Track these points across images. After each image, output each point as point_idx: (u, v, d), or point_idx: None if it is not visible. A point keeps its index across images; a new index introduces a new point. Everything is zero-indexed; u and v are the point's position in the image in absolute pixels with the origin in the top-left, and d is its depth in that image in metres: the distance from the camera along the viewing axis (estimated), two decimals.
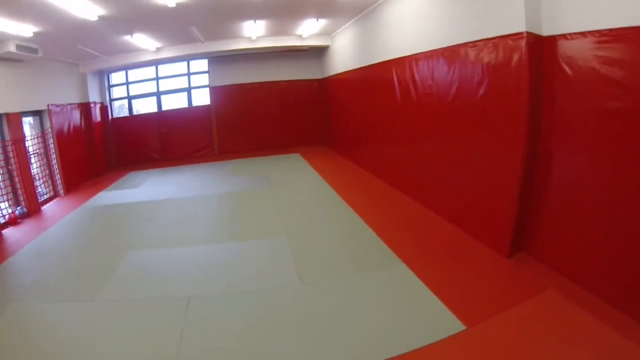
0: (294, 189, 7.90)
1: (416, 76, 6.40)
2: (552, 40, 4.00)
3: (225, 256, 4.77)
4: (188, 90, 13.37)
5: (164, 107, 13.31)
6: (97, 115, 11.69)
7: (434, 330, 3.22)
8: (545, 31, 4.09)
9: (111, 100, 13.14)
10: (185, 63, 13.03)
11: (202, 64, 13.19)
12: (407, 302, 3.66)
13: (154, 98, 13.28)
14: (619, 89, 3.35)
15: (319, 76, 13.38)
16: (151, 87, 13.23)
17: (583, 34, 3.63)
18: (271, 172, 9.51)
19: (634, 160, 3.27)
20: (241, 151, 12.98)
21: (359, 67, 9.22)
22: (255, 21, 8.58)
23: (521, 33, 4.05)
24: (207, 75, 13.22)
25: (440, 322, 3.33)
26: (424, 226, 5.61)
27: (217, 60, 12.61)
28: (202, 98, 13.49)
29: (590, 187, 3.75)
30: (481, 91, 4.78)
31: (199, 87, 13.44)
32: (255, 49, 11.15)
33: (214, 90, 13.13)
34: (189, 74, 13.23)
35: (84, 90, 11.14)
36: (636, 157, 3.25)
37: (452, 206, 5.65)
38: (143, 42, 9.42)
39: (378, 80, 8.06)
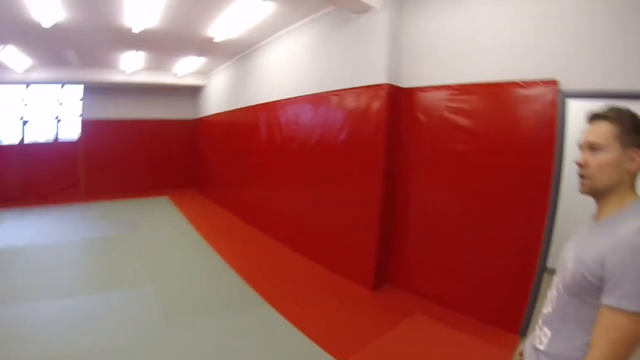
0: (161, 235, 7.46)
1: (282, 121, 6.64)
2: (410, 92, 4.62)
3: (90, 309, 4.29)
4: (57, 120, 11.45)
5: (28, 137, 11.10)
6: None
7: None
8: (405, 83, 4.69)
9: None
10: (57, 89, 11.15)
11: (76, 92, 11.45)
12: (277, 343, 3.62)
13: (17, 125, 10.89)
14: (465, 134, 4.05)
15: (192, 116, 13.00)
16: (15, 112, 10.79)
17: (437, 88, 4.35)
18: (138, 217, 8.85)
19: (479, 196, 3.98)
20: (109, 192, 11.72)
21: (230, 109, 9.23)
22: (133, 53, 8.21)
23: (382, 84, 4.54)
24: (80, 104, 11.60)
25: (311, 359, 3.35)
26: (290, 268, 5.65)
27: (91, 90, 11.40)
28: (72, 130, 11.71)
29: (441, 219, 4.37)
30: (342, 136, 5.14)
31: (69, 118, 11.61)
32: (132, 83, 10.53)
33: (85, 123, 11.65)
34: (60, 102, 11.33)
35: None
36: (481, 192, 3.96)
37: (318, 248, 5.79)
38: (11, 58, 8.12)
39: (246, 124, 8.13)
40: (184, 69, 10.20)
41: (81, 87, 11.35)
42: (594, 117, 1.36)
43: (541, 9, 3.52)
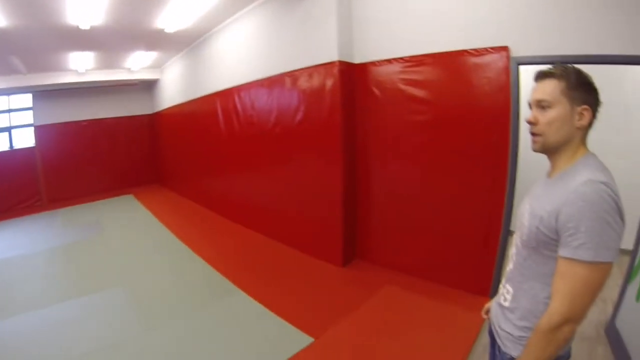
0: (129, 234, 7.27)
1: (238, 107, 6.54)
2: (363, 67, 4.60)
3: (62, 318, 4.13)
4: (9, 129, 10.74)
5: None
6: None
7: (284, 348, 3.23)
8: (357, 59, 4.66)
9: None
10: (4, 98, 10.43)
11: (26, 100, 10.84)
12: (253, 327, 3.63)
13: None
14: (422, 105, 4.06)
15: (149, 111, 12.67)
16: None
17: (389, 61, 4.33)
18: (104, 218, 8.58)
19: (439, 165, 4.02)
20: (73, 197, 11.26)
21: (187, 100, 9.06)
22: (82, 52, 7.83)
23: (334, 62, 4.48)
24: (31, 112, 10.94)
25: (288, 339, 3.37)
26: (260, 253, 5.65)
27: (43, 95, 10.79)
28: (25, 139, 11.02)
29: (404, 190, 4.41)
30: (299, 116, 5.10)
31: (21, 126, 10.95)
32: (84, 83, 10.09)
33: (40, 130, 11.04)
34: (9, 111, 10.67)
35: None
36: (441, 161, 3.99)
37: (286, 230, 5.77)
38: None
39: (204, 114, 8.00)
40: (137, 64, 9.88)
41: (29, 96, 10.79)
42: (541, 76, 1.36)
43: None
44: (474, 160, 3.76)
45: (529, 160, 1.27)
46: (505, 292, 1.47)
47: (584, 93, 1.28)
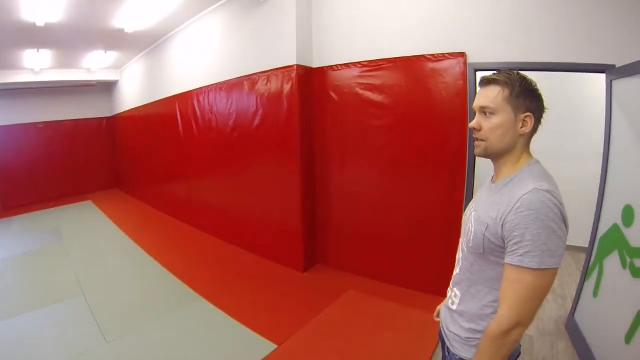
0: (88, 241, 7.02)
1: (197, 111, 6.43)
2: (321, 71, 4.57)
3: (19, 332, 3.94)
4: None
5: None
6: None
7: (248, 356, 3.21)
8: (316, 63, 4.62)
9: None
10: None
11: None
12: (216, 335, 3.58)
13: None
14: (380, 110, 4.07)
15: (108, 114, 12.29)
16: None
17: (347, 65, 4.31)
18: (62, 226, 8.31)
19: (398, 169, 4.05)
20: (29, 204, 10.74)
21: (147, 103, 8.82)
22: (38, 50, 7.48)
23: (292, 66, 4.42)
24: None
25: (251, 347, 3.34)
26: (221, 259, 5.58)
27: None
28: None
29: (364, 195, 4.41)
30: (257, 120, 5.03)
31: None
32: (40, 82, 9.67)
33: None
34: None
35: None
36: (400, 165, 4.02)
37: (247, 236, 5.70)
38: None
39: (163, 117, 7.81)
40: (96, 64, 9.54)
41: None
42: (485, 82, 1.35)
43: None
44: (433, 164, 3.78)
45: (487, 163, 1.28)
46: (453, 295, 1.49)
47: (528, 100, 1.28)
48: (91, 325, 3.92)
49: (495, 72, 1.34)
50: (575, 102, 4.98)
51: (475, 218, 1.36)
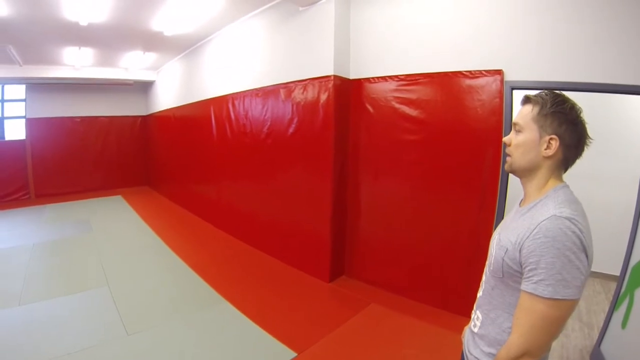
0: (116, 235, 7.20)
1: (232, 115, 6.52)
2: (358, 83, 4.61)
3: (44, 316, 4.06)
4: (0, 120, 10.62)
5: None
6: None
7: None
8: (352, 75, 4.67)
9: None
10: None
11: (19, 91, 10.71)
12: (237, 340, 3.60)
13: None
14: (415, 124, 4.08)
15: (143, 112, 12.56)
16: None
17: (384, 78, 4.34)
18: (92, 217, 8.51)
19: (429, 184, 4.03)
20: (61, 194, 11.07)
21: (181, 104, 9.01)
22: (79, 48, 7.78)
23: (329, 76, 4.48)
24: (24, 104, 10.82)
25: (271, 353, 3.35)
26: (247, 264, 5.61)
27: (37, 88, 10.71)
28: (16, 131, 10.85)
29: (394, 208, 4.40)
30: (292, 128, 5.08)
31: (13, 117, 10.80)
32: (79, 79, 10.02)
33: (32, 123, 10.84)
34: (2, 101, 10.57)
35: None
36: (431, 180, 4.01)
37: (274, 241, 5.72)
38: None
39: (198, 119, 7.95)
40: (134, 64, 9.84)
41: (23, 87, 10.67)
42: (523, 100, 1.38)
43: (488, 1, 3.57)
44: (465, 182, 3.76)
45: (519, 186, 1.30)
46: (476, 318, 1.48)
47: (556, 122, 1.26)
48: (114, 317, 4.01)
49: (540, 91, 1.34)
50: (612, 123, 4.88)
51: (497, 242, 1.36)
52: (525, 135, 1.31)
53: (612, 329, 3.04)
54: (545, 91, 1.33)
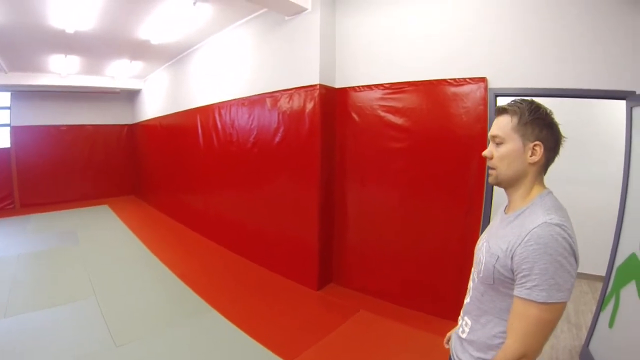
0: (103, 245, 7.11)
1: (218, 124, 6.51)
2: (344, 91, 4.65)
3: (30, 328, 4.00)
4: None
5: None
6: None
7: None
8: (338, 84, 4.71)
9: None
10: None
11: (4, 99, 10.52)
12: (226, 349, 3.59)
13: None
14: (400, 132, 4.12)
15: (129, 121, 12.48)
16: None
17: (370, 87, 4.38)
18: (78, 228, 8.42)
19: (416, 191, 4.06)
20: (46, 204, 10.95)
21: (168, 113, 8.96)
22: (66, 56, 7.73)
23: (315, 85, 4.50)
24: (8, 112, 10.66)
25: None
26: (235, 273, 5.60)
27: (22, 96, 10.60)
28: (1, 139, 10.64)
29: (381, 215, 4.43)
30: (278, 137, 5.10)
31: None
32: (65, 87, 9.94)
33: (17, 131, 10.66)
34: None
35: None
36: (418, 188, 4.04)
37: (261, 250, 5.71)
38: None
39: (184, 128, 7.92)
40: (121, 72, 9.81)
41: (8, 94, 10.53)
42: (498, 111, 1.39)
43: (472, 9, 3.64)
44: (451, 189, 3.79)
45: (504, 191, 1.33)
46: (464, 324, 1.50)
47: (537, 129, 1.30)
48: (101, 328, 3.96)
49: (513, 99, 1.37)
50: (591, 127, 4.98)
51: (487, 249, 1.38)
52: (507, 146, 1.33)
53: (599, 328, 3.10)
54: (518, 99, 1.36)
